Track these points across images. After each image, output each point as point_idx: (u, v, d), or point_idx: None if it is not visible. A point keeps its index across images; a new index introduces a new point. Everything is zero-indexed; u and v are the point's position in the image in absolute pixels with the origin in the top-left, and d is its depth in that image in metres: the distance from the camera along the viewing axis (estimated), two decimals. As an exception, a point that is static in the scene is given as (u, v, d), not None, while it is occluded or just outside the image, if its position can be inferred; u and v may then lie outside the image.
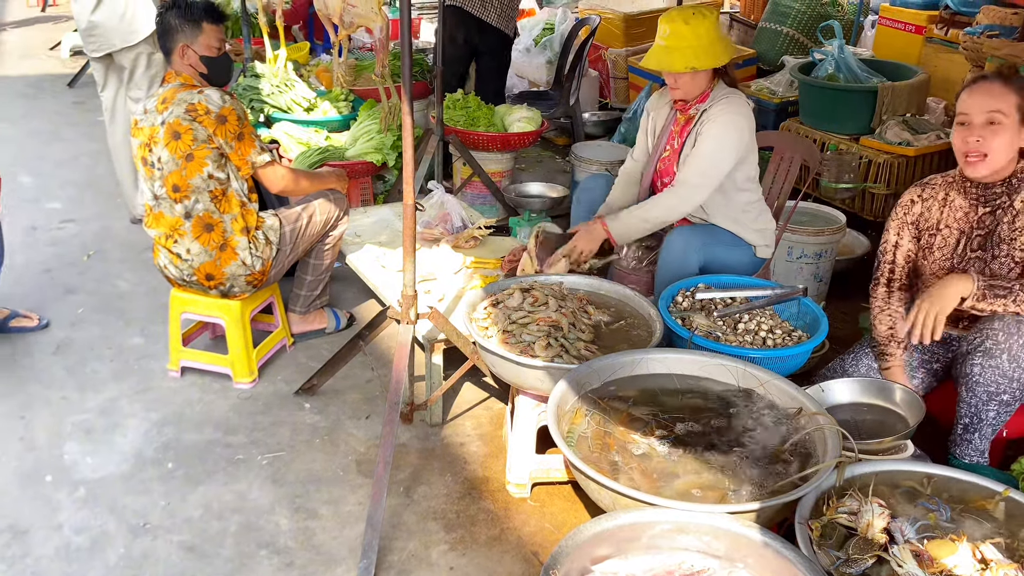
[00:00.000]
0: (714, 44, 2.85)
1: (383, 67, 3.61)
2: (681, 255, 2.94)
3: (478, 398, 3.09)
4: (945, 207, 2.48)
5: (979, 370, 2.29)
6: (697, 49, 2.82)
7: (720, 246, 3.00)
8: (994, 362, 2.26)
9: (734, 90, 2.97)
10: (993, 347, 2.27)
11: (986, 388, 2.29)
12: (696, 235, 2.97)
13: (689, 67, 2.83)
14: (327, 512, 2.52)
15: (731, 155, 2.89)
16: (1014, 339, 2.25)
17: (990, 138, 2.28)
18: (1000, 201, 2.38)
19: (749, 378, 2.36)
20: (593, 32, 5.67)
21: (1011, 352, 2.24)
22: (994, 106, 2.27)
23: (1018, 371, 2.25)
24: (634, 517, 1.85)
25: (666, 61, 2.86)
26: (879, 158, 4.17)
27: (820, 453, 2.07)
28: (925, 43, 5.04)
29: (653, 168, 3.13)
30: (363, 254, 3.44)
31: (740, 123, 2.89)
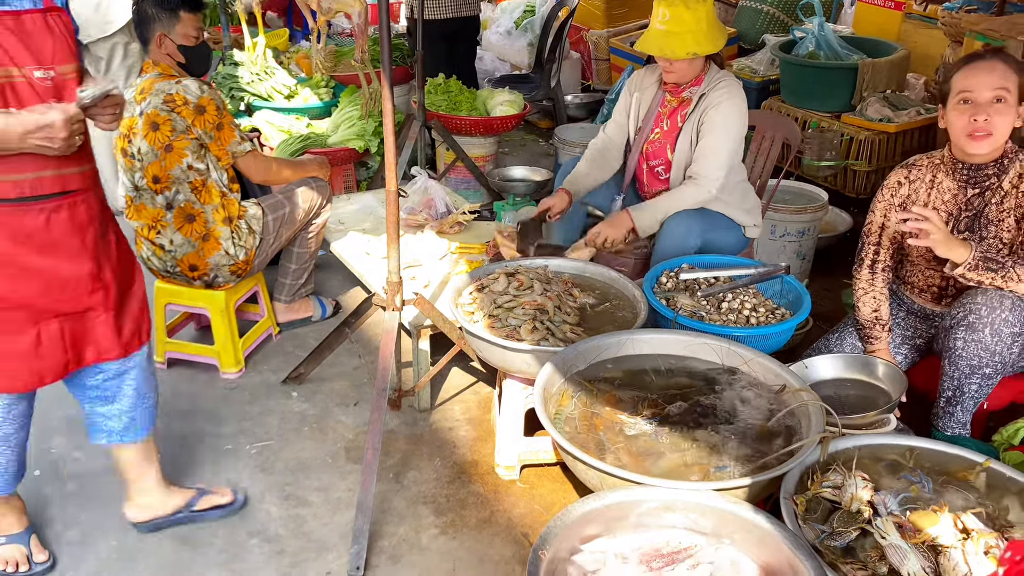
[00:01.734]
0: (712, 28, 2.85)
1: (362, 53, 3.58)
2: (681, 240, 2.94)
3: (465, 383, 3.10)
4: (932, 189, 2.48)
5: (962, 344, 2.32)
6: (698, 34, 2.81)
7: (717, 230, 3.01)
8: (977, 336, 2.29)
9: (726, 72, 2.98)
10: (976, 321, 2.29)
11: (968, 362, 2.32)
12: (695, 220, 2.97)
13: (691, 53, 2.82)
14: (317, 499, 2.53)
15: (737, 141, 2.93)
16: (996, 313, 2.27)
17: (996, 116, 2.27)
18: (989, 182, 2.38)
19: (733, 356, 2.38)
20: (572, 13, 5.65)
21: (993, 326, 2.27)
22: (1001, 84, 2.27)
23: (1000, 345, 2.28)
24: (621, 496, 1.87)
25: (667, 47, 2.83)
26: (860, 135, 4.19)
27: (804, 429, 2.09)
28: (904, 19, 5.04)
29: (639, 150, 3.12)
30: (347, 241, 3.44)
31: (742, 107, 2.93)
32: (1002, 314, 2.27)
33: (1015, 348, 2.30)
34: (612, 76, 6.05)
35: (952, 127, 2.35)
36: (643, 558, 1.80)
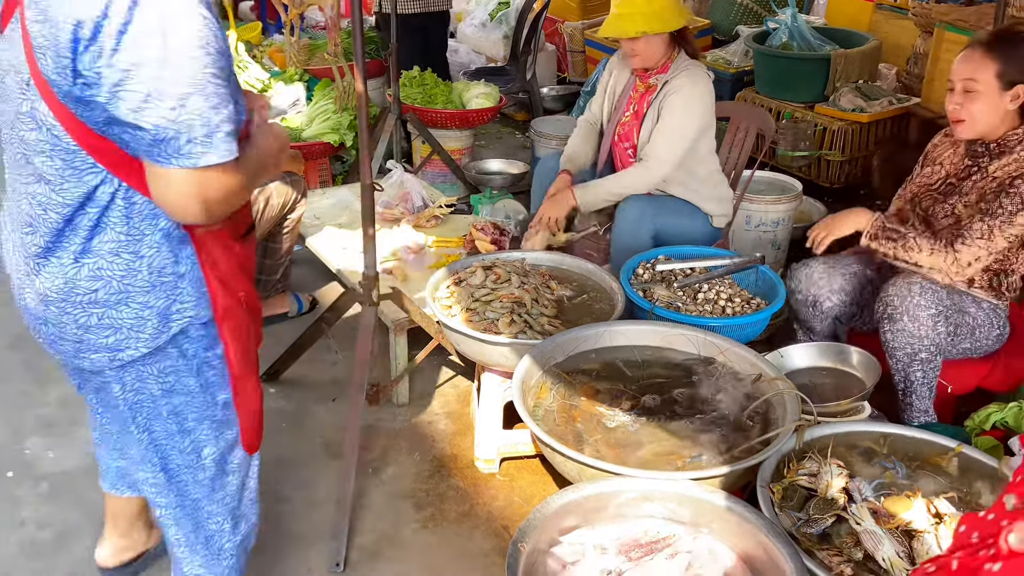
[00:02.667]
0: (665, 9, 2.88)
1: (335, 46, 3.56)
2: (635, 224, 2.98)
3: (444, 377, 3.10)
4: (950, 149, 2.58)
5: (890, 336, 2.38)
6: (648, 15, 2.86)
7: (673, 215, 3.03)
8: (898, 326, 2.35)
9: (695, 61, 3.00)
10: (893, 312, 2.36)
11: (903, 351, 2.38)
12: (649, 205, 3.00)
13: (640, 31, 2.86)
14: (296, 496, 2.52)
15: (695, 128, 2.93)
16: (908, 300, 2.34)
17: (967, 104, 2.36)
18: (981, 160, 2.45)
19: (709, 346, 2.39)
20: (547, 5, 5.64)
21: (910, 312, 2.34)
22: (968, 74, 2.35)
23: (922, 328, 2.33)
24: (600, 487, 1.88)
25: (619, 27, 2.90)
26: (833, 125, 4.22)
27: (780, 417, 2.12)
28: (876, 10, 5.08)
29: (613, 130, 3.15)
30: (323, 236, 3.42)
31: (704, 95, 2.93)
32: (913, 299, 2.34)
33: (940, 328, 2.35)
34: (588, 68, 6.05)
35: None
36: (622, 548, 1.81)
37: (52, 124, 1.36)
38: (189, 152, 1.33)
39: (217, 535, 1.79)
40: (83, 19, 1.26)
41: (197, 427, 1.64)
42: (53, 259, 1.45)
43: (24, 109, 1.38)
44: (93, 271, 1.44)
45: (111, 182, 1.40)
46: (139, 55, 1.27)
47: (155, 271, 1.47)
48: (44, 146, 1.38)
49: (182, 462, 1.67)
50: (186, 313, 1.53)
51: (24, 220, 1.47)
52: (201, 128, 1.33)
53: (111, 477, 2.03)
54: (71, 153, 1.38)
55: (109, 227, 1.43)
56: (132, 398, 1.57)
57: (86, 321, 1.48)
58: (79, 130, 1.36)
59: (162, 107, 1.29)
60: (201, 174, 1.35)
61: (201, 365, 1.59)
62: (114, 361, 1.52)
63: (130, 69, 1.28)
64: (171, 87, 1.29)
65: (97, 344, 1.51)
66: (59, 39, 1.28)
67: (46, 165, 1.40)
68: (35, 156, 1.40)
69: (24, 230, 1.47)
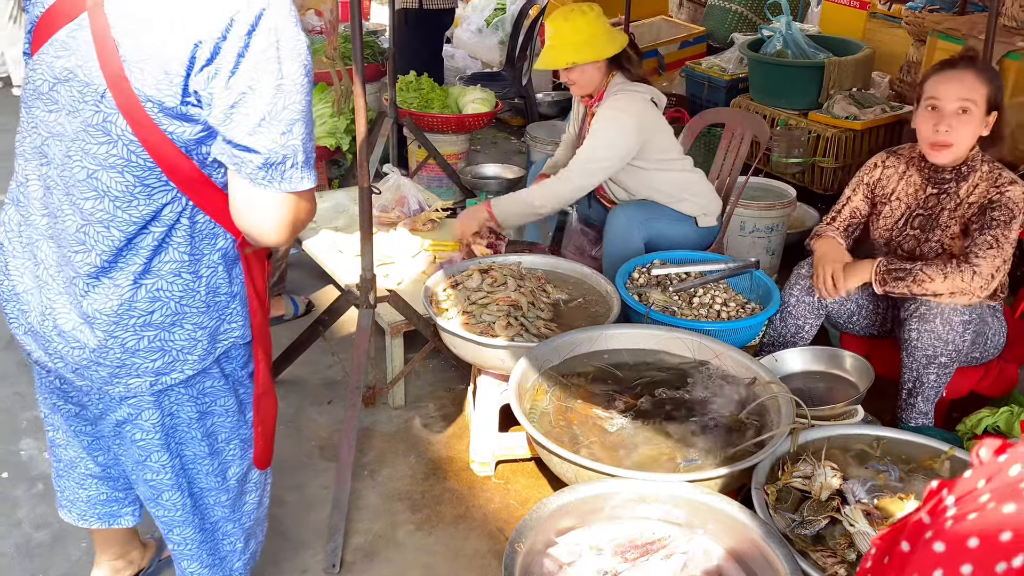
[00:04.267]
0: (595, 38, 2.91)
1: (334, 49, 3.57)
2: (624, 231, 3.00)
3: (440, 379, 3.11)
4: (902, 180, 2.55)
5: (916, 335, 2.38)
6: (576, 44, 2.89)
7: (662, 220, 3.05)
8: (929, 326, 2.35)
9: (633, 84, 2.99)
10: (927, 312, 2.36)
11: (924, 352, 2.38)
12: (637, 211, 3.02)
13: (569, 62, 2.90)
14: (292, 498, 2.52)
15: (614, 147, 2.91)
16: (945, 302, 2.34)
17: (959, 127, 2.32)
18: (947, 186, 2.44)
19: (705, 350, 2.41)
20: (543, 12, 5.67)
21: (943, 316, 2.34)
22: (967, 95, 2.30)
23: (952, 334, 2.34)
24: (596, 489, 1.89)
25: (550, 59, 2.96)
26: (827, 132, 4.25)
27: (774, 420, 2.13)
28: (869, 18, 5.13)
29: None
30: (319, 239, 3.42)
31: (621, 118, 2.90)
32: (951, 303, 2.34)
33: (967, 336, 2.36)
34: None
35: (919, 132, 2.41)
36: (617, 549, 1.82)
37: (130, 139, 1.32)
38: (291, 177, 1.35)
39: (230, 555, 1.78)
40: (203, 39, 1.25)
41: (226, 448, 1.63)
42: (107, 279, 1.39)
43: (95, 121, 1.33)
44: (152, 292, 1.41)
45: (180, 201, 1.38)
46: (256, 79, 1.27)
47: (211, 291, 1.46)
48: (116, 161, 1.34)
49: (207, 484, 1.65)
50: (232, 333, 1.52)
51: (74, 238, 1.38)
52: (302, 154, 1.35)
53: (82, 506, 1.88)
54: (147, 170, 1.34)
55: (172, 247, 1.41)
56: (168, 423, 1.54)
57: (135, 344, 1.43)
58: (162, 147, 1.33)
59: (274, 132, 1.30)
60: (296, 198, 1.38)
61: (236, 384, 1.58)
62: (155, 385, 1.48)
63: (246, 92, 1.27)
64: (282, 112, 1.30)
65: (141, 368, 1.46)
66: (170, 55, 1.26)
67: (115, 180, 1.35)
68: (104, 171, 1.35)
69: (75, 248, 1.39)
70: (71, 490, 1.86)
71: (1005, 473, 0.75)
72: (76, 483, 1.84)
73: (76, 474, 1.83)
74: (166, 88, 1.28)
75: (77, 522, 1.90)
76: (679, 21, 6.09)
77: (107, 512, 1.90)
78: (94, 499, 1.86)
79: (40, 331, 1.46)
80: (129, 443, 1.56)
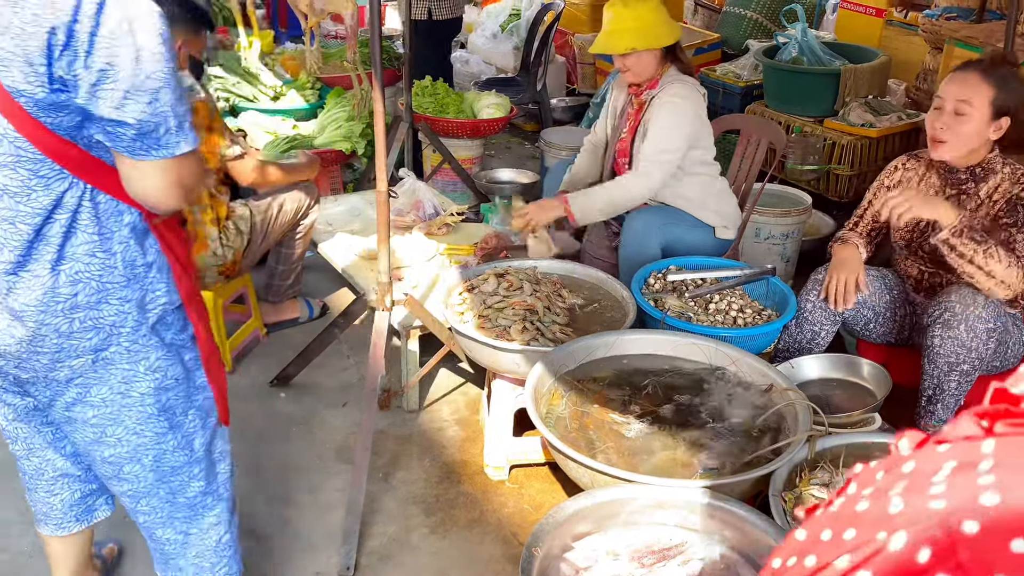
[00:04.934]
0: (655, 26, 2.92)
1: (353, 54, 3.59)
2: (641, 237, 2.99)
3: (454, 383, 3.11)
4: (921, 182, 2.56)
5: (939, 341, 2.36)
6: (636, 31, 2.90)
7: (680, 226, 3.04)
8: (952, 333, 2.33)
9: (685, 76, 3.02)
10: (951, 318, 2.34)
11: (946, 359, 2.36)
12: (655, 216, 3.02)
13: (629, 48, 2.90)
14: (306, 500, 2.53)
15: (681, 136, 2.93)
16: (970, 310, 2.32)
17: (954, 126, 2.35)
18: (966, 187, 2.45)
19: (721, 356, 2.40)
20: (558, 18, 5.68)
21: (968, 323, 2.32)
22: (963, 96, 2.34)
23: (975, 341, 2.32)
24: (613, 494, 1.89)
25: (609, 44, 2.95)
26: (843, 140, 4.24)
27: (791, 427, 2.12)
28: (885, 26, 5.11)
29: (614, 148, 3.19)
30: (335, 242, 3.44)
31: (684, 106, 2.93)
32: (976, 310, 2.32)
33: (991, 344, 2.35)
34: (597, 80, 6.09)
35: (926, 128, 2.44)
36: (634, 555, 1.81)
37: (15, 136, 1.37)
38: (167, 143, 1.41)
39: (215, 529, 1.80)
40: (56, 25, 1.29)
41: (185, 420, 1.66)
42: (25, 273, 1.44)
43: None
44: (71, 276, 1.45)
45: (77, 186, 1.43)
46: (112, 54, 1.33)
47: (128, 264, 1.51)
48: (7, 159, 1.38)
49: (177, 461, 1.68)
50: (159, 300, 1.56)
51: None
52: (173, 119, 1.41)
53: (58, 514, 1.90)
54: (37, 162, 1.39)
55: (80, 230, 1.45)
56: (120, 401, 1.57)
57: (68, 328, 1.48)
58: (46, 138, 1.37)
59: (140, 102, 1.36)
60: (178, 162, 1.44)
61: (180, 350, 1.63)
62: (97, 362, 1.53)
63: (105, 68, 1.33)
64: (145, 82, 1.35)
65: (80, 348, 1.50)
66: (29, 48, 1.30)
67: (10, 178, 1.39)
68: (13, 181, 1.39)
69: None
70: (43, 501, 1.88)
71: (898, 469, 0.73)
72: (46, 491, 1.86)
73: (45, 481, 1.84)
74: (35, 80, 1.33)
75: (56, 532, 1.92)
76: (693, 27, 6.09)
77: (84, 509, 1.92)
78: (68, 501, 1.89)
79: None
80: (82, 424, 1.59)
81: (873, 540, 0.64)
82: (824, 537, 0.69)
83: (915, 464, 0.71)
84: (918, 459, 0.72)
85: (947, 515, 0.61)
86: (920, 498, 0.65)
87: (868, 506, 0.69)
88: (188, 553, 1.79)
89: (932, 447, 0.72)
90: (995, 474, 0.63)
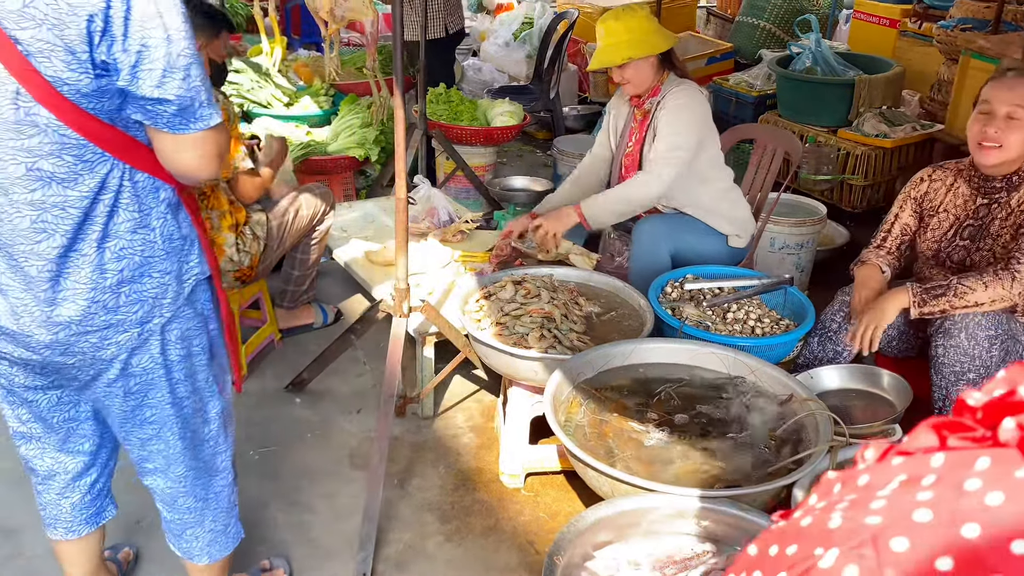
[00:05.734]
0: (648, 34, 2.93)
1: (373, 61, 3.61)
2: (650, 244, 2.99)
3: (468, 390, 3.11)
4: (949, 192, 2.55)
5: (942, 351, 2.36)
6: (630, 42, 2.91)
7: (690, 234, 3.04)
8: (954, 341, 2.34)
9: (685, 81, 3.03)
10: (951, 327, 2.34)
11: (951, 368, 2.36)
12: (664, 224, 3.01)
13: (625, 58, 2.91)
14: (322, 506, 2.52)
15: (691, 133, 2.93)
16: (970, 318, 2.33)
17: (1008, 131, 2.34)
18: (999, 196, 2.44)
19: (740, 366, 2.40)
20: (572, 27, 5.69)
21: (968, 330, 2.32)
22: (1017, 101, 2.33)
23: (977, 348, 2.32)
24: (634, 503, 1.88)
25: (605, 58, 2.96)
26: (857, 150, 4.24)
27: (812, 438, 2.11)
28: (899, 36, 5.11)
29: (619, 164, 3.18)
30: (350, 248, 3.44)
31: (692, 105, 2.95)
32: (975, 318, 2.33)
33: (994, 352, 2.34)
34: (609, 88, 6.09)
35: (969, 134, 2.43)
36: (656, 564, 1.80)
37: (57, 125, 1.42)
38: (202, 115, 1.49)
39: (224, 491, 1.89)
40: (92, 12, 1.35)
41: (205, 386, 1.75)
42: (74, 254, 1.51)
43: (19, 118, 1.40)
44: (116, 252, 1.53)
45: (118, 166, 1.50)
46: (146, 35, 1.39)
47: (166, 238, 1.59)
48: (51, 147, 1.43)
49: (196, 425, 1.77)
50: (193, 271, 1.65)
51: (31, 230, 1.47)
52: (204, 93, 1.49)
53: (67, 516, 1.92)
54: (81, 148, 1.45)
55: (122, 208, 1.53)
56: (158, 370, 1.65)
57: (115, 303, 1.55)
58: (87, 124, 1.43)
59: (176, 78, 1.43)
60: (213, 133, 1.53)
61: (207, 319, 1.72)
62: (143, 334, 1.60)
63: (141, 50, 1.39)
64: (177, 60, 1.42)
65: (126, 323, 1.58)
66: (69, 37, 1.36)
67: (56, 166, 1.44)
68: (42, 160, 1.43)
69: (35, 240, 1.48)
70: (53, 504, 1.91)
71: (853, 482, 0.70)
72: (58, 494, 1.89)
73: (56, 484, 1.87)
74: (78, 67, 1.38)
75: (65, 536, 1.94)
76: (706, 37, 6.10)
77: (94, 512, 1.96)
78: (78, 505, 1.92)
79: (19, 331, 1.55)
80: (123, 396, 1.66)
81: (811, 556, 0.62)
82: (771, 552, 0.67)
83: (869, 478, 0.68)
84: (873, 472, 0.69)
85: (879, 531, 0.59)
86: (860, 513, 0.63)
87: (811, 521, 0.67)
88: (205, 520, 1.87)
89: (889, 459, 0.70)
90: (933, 490, 0.60)
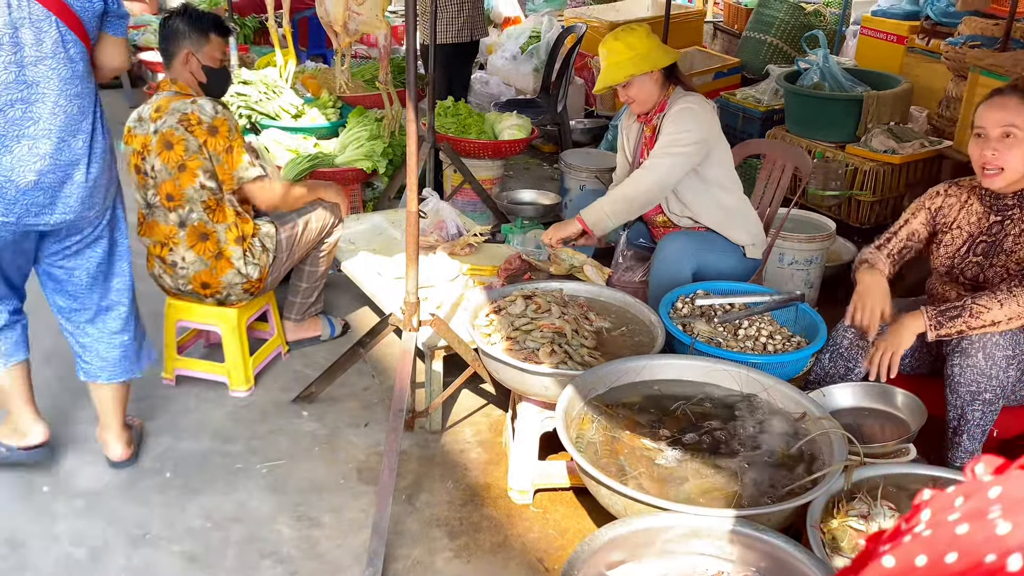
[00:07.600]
0: (650, 51, 2.95)
1: (386, 74, 3.61)
2: (675, 262, 2.98)
3: (476, 405, 3.09)
4: (963, 209, 2.54)
5: (958, 370, 2.34)
6: (632, 59, 2.94)
7: (713, 252, 3.04)
8: (971, 361, 2.31)
9: (690, 92, 3.05)
10: (968, 346, 2.32)
11: (967, 388, 2.34)
12: (690, 241, 3.01)
13: (627, 75, 2.93)
14: (329, 520, 2.50)
15: (691, 132, 2.93)
16: (987, 337, 2.30)
17: (1005, 152, 2.33)
18: (1011, 212, 2.43)
19: (752, 383, 2.38)
20: (579, 40, 5.70)
21: (986, 350, 2.30)
22: (1008, 120, 2.32)
23: (994, 368, 2.30)
24: (648, 522, 1.86)
25: (608, 78, 2.99)
26: (865, 166, 4.23)
27: (826, 457, 2.09)
28: (907, 53, 5.12)
29: None
30: (358, 261, 3.43)
31: (695, 109, 2.96)
32: (992, 337, 2.30)
33: (1011, 371, 2.32)
34: (616, 102, 6.10)
35: (971, 159, 2.41)
36: (670, 585, 1.78)
37: (73, 39, 2.22)
38: (121, 25, 2.34)
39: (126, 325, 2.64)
40: None
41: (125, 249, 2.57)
42: (95, 132, 2.32)
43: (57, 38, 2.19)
44: (103, 133, 2.36)
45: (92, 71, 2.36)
46: None
47: None
48: (76, 54, 2.24)
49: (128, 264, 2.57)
50: None
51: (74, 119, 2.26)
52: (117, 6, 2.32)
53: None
54: (87, 54, 2.28)
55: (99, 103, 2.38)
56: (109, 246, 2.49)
57: (108, 176, 2.41)
58: (86, 37, 2.26)
59: None
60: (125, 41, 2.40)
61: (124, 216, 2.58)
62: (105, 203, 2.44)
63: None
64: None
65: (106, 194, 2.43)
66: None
67: (87, 71, 2.29)
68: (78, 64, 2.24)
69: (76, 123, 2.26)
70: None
71: (983, 494, 0.72)
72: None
73: None
74: None
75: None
76: (713, 52, 6.11)
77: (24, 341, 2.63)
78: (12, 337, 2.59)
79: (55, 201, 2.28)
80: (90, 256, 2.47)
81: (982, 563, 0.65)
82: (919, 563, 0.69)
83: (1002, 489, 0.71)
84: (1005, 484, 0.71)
85: None
86: None
87: (968, 529, 0.69)
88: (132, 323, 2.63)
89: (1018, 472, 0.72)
90: None
